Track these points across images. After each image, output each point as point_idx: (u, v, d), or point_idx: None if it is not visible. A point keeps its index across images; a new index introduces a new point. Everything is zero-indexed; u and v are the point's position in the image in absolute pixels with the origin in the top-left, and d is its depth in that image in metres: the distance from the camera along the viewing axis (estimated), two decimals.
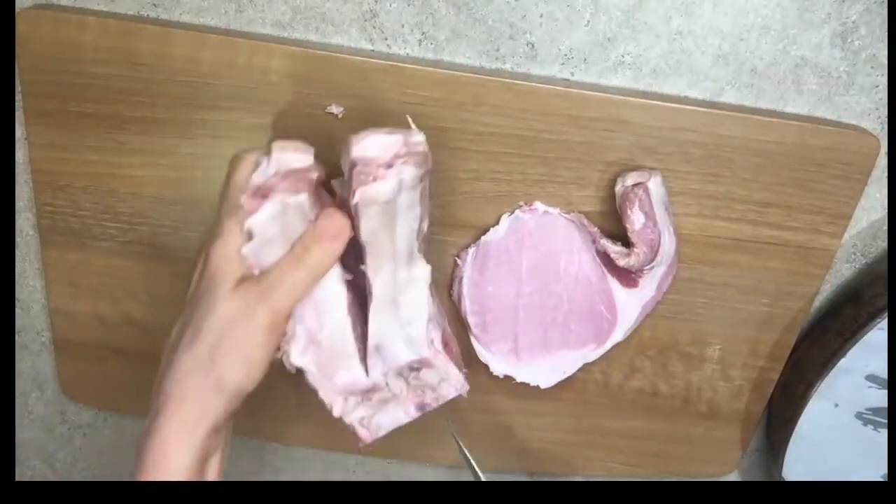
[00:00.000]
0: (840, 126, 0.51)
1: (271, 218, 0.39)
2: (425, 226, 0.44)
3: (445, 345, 0.46)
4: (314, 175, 0.40)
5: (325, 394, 0.44)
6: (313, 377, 0.43)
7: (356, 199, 0.38)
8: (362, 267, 0.42)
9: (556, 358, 0.55)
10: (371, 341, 0.44)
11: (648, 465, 0.63)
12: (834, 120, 0.51)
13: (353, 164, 0.39)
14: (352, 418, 0.44)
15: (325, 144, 0.50)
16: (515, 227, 0.52)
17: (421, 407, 0.45)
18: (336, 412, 0.44)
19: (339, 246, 0.39)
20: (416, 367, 0.45)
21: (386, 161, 0.39)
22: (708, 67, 0.50)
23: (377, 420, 0.44)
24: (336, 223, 0.39)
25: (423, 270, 0.44)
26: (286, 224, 0.40)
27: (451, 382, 0.45)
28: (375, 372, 0.44)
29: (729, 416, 0.60)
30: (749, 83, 0.50)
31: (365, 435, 0.44)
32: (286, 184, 0.39)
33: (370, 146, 0.39)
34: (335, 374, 0.44)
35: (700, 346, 0.57)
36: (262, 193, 0.39)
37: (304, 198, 0.40)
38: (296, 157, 0.40)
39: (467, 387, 0.46)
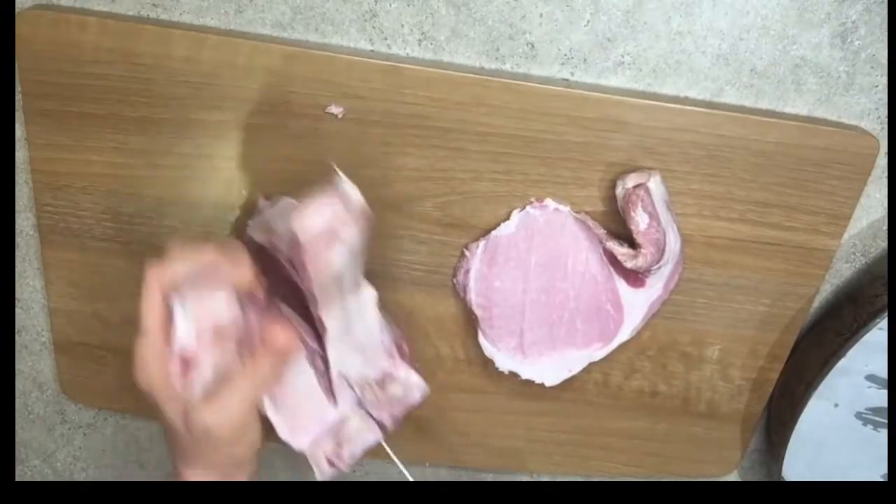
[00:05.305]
0: (839, 126, 0.51)
1: (208, 367, 0.40)
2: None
3: (398, 348, 0.47)
4: (238, 326, 0.40)
5: (299, 447, 0.45)
6: (284, 433, 0.44)
7: (314, 282, 0.39)
8: (313, 310, 0.42)
9: (561, 356, 0.55)
10: (333, 371, 0.45)
11: (648, 465, 0.63)
12: (833, 120, 0.51)
13: (298, 245, 0.38)
14: (325, 454, 0.46)
15: (325, 145, 0.50)
16: (526, 223, 0.52)
17: (395, 421, 0.46)
18: (321, 468, 0.46)
19: (287, 359, 0.41)
20: (381, 382, 0.46)
21: (329, 229, 0.38)
22: (707, 67, 0.50)
23: (350, 450, 0.46)
24: (282, 339, 0.40)
25: (368, 293, 0.45)
26: (220, 360, 0.40)
27: (413, 388, 0.47)
28: (344, 403, 0.45)
29: (729, 416, 0.60)
30: (749, 83, 0.50)
31: (343, 467, 0.46)
32: (211, 341, 0.39)
33: (311, 224, 0.37)
34: (307, 424, 0.45)
35: (700, 346, 0.57)
36: (189, 363, 0.39)
37: (231, 349, 0.40)
38: (215, 307, 0.39)
39: (427, 388, 0.47)
